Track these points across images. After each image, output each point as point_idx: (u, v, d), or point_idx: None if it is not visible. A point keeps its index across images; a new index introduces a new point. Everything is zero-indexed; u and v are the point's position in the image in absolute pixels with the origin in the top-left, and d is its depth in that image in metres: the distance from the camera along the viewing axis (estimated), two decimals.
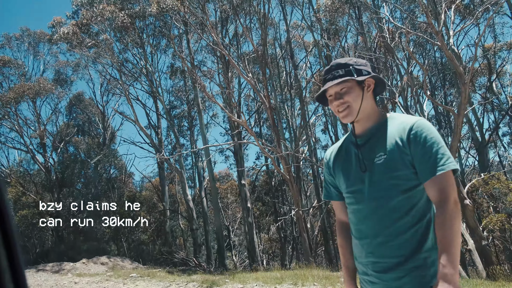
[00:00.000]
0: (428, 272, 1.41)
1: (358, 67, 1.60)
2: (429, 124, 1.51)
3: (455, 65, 9.05)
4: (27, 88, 21.14)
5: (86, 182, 23.80)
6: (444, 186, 1.39)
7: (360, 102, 1.58)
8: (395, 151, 1.48)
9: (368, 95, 1.61)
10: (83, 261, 14.35)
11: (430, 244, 1.43)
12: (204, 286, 8.40)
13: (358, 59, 1.66)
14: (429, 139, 1.44)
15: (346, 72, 1.58)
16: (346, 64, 1.61)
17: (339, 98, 1.59)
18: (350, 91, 1.58)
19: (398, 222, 1.45)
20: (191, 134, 25.33)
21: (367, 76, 1.59)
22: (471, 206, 9.22)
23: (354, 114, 1.59)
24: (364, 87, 1.60)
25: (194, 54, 21.33)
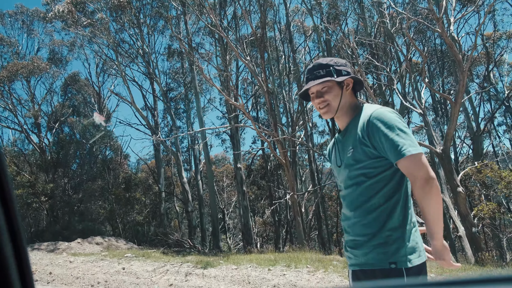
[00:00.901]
0: (390, 248, 1.52)
1: (338, 68, 1.76)
2: (386, 112, 1.61)
3: (454, 53, 9.02)
4: (21, 67, 20.86)
5: (81, 163, 23.75)
6: (410, 170, 1.51)
7: (339, 100, 1.75)
8: (358, 144, 1.63)
9: (347, 93, 1.78)
10: (78, 241, 14.43)
11: (396, 223, 1.55)
12: (199, 267, 8.49)
13: (338, 59, 1.82)
14: (384, 129, 1.55)
15: (326, 73, 1.75)
16: (327, 64, 1.77)
17: (320, 96, 1.77)
18: (330, 90, 1.76)
19: (366, 204, 1.60)
20: (188, 117, 25.26)
21: (346, 76, 1.75)
22: (463, 193, 9.31)
23: (333, 111, 1.76)
24: (343, 86, 1.77)
25: (192, 36, 21.09)
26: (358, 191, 1.63)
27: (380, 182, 1.59)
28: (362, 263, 1.59)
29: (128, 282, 7.94)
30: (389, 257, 1.51)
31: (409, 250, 1.52)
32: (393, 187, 1.58)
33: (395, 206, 1.56)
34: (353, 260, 1.65)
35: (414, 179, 1.51)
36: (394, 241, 1.53)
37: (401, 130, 1.54)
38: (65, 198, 20.21)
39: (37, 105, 23.30)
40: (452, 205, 10.21)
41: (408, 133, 1.57)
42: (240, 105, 12.01)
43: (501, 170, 10.47)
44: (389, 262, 1.51)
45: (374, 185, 1.59)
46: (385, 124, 1.56)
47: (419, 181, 1.49)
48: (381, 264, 1.52)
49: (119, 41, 22.46)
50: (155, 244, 16.94)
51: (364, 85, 1.90)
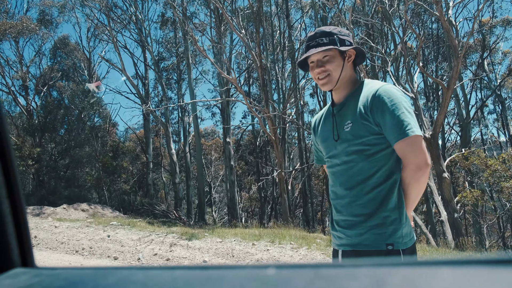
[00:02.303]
0: (387, 230, 1.50)
1: (342, 37, 1.67)
2: (392, 89, 1.55)
3: (450, 38, 8.97)
4: (9, 27, 20.23)
5: (69, 129, 23.46)
6: (405, 153, 1.47)
7: (340, 71, 1.66)
8: (359, 118, 1.56)
9: (348, 65, 1.69)
10: (64, 207, 14.39)
11: (393, 204, 1.52)
12: (184, 238, 8.56)
13: (342, 28, 1.73)
14: (390, 106, 1.49)
15: (330, 41, 1.65)
16: (331, 32, 1.67)
17: (321, 65, 1.66)
18: (332, 60, 1.66)
19: (363, 183, 1.55)
20: (179, 88, 24.95)
21: (350, 47, 1.67)
22: (448, 179, 9.45)
23: (333, 83, 1.67)
24: (346, 57, 1.68)
25: (186, 5, 20.59)
26: (355, 169, 1.58)
27: (379, 160, 1.54)
28: (356, 243, 1.57)
29: (112, 250, 7.98)
30: (386, 238, 1.50)
31: (405, 232, 1.51)
32: (392, 167, 1.54)
33: (393, 186, 1.53)
34: (345, 240, 1.62)
35: (406, 163, 1.49)
36: (391, 222, 1.50)
37: (407, 109, 1.49)
38: (52, 163, 20.03)
39: (25, 67, 22.77)
40: (436, 190, 10.37)
41: (413, 114, 1.52)
42: (233, 78, 11.87)
43: (487, 158, 10.63)
44: (386, 243, 1.50)
45: (373, 163, 1.54)
46: (392, 101, 1.50)
47: (414, 165, 1.47)
48: (377, 246, 1.51)
49: (112, 6, 21.88)
50: (141, 214, 16.99)
51: (365, 59, 1.79)
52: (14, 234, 0.72)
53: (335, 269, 0.46)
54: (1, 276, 0.66)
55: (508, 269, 0.38)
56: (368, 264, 0.43)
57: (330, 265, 0.47)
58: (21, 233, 0.74)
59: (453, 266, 0.39)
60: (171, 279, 0.54)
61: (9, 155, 0.73)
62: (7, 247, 0.71)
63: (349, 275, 0.41)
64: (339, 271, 0.44)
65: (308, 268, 0.46)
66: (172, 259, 7.26)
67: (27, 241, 0.75)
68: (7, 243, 0.70)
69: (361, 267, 0.42)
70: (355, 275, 0.41)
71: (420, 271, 0.41)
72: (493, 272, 0.39)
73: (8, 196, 0.72)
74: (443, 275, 0.39)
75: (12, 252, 0.71)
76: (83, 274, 0.60)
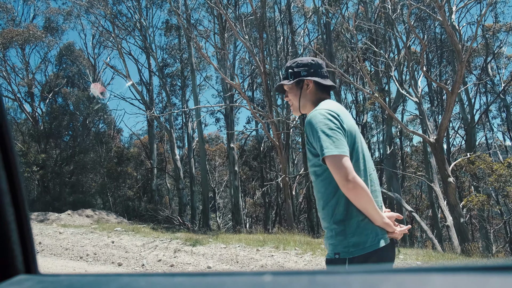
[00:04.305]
0: (335, 241, 1.62)
1: (297, 69, 1.86)
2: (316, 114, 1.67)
3: (454, 42, 8.96)
4: (16, 34, 20.46)
5: (74, 135, 23.58)
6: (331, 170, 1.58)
7: (298, 100, 1.87)
8: (306, 143, 1.73)
9: (308, 92, 1.86)
10: (68, 212, 14.44)
11: (339, 217, 1.63)
12: (188, 244, 8.56)
13: (303, 59, 1.91)
14: (313, 130, 1.64)
15: (286, 75, 1.90)
16: (289, 67, 1.89)
17: (286, 95, 1.93)
18: (290, 91, 1.90)
19: (320, 200, 1.70)
20: (183, 94, 25.03)
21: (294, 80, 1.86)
22: (453, 184, 9.40)
23: (297, 110, 1.90)
24: (303, 86, 1.86)
25: (190, 12, 20.73)
26: (315, 188, 1.73)
27: (326, 179, 1.66)
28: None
29: (117, 256, 7.99)
30: (335, 248, 1.62)
31: (353, 241, 1.59)
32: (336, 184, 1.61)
33: (339, 201, 1.63)
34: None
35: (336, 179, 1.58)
36: (338, 233, 1.61)
37: (324, 131, 1.60)
38: (57, 169, 20.12)
39: (31, 74, 22.94)
40: (441, 195, 10.32)
41: (332, 135, 1.61)
42: (236, 84, 11.91)
43: (493, 163, 10.56)
44: (334, 252, 1.62)
45: (323, 182, 1.67)
46: (313, 125, 1.64)
47: (338, 181, 1.57)
48: (330, 255, 1.64)
49: (117, 13, 22.06)
50: (145, 220, 17.02)
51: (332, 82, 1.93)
52: (18, 241, 0.72)
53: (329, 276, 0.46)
54: (5, 283, 0.67)
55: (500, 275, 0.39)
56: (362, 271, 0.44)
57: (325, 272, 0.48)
58: (25, 240, 0.74)
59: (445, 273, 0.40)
60: (172, 285, 0.55)
61: (14, 163, 0.73)
62: (11, 254, 0.71)
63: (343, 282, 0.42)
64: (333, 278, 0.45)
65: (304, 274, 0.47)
66: (176, 265, 7.26)
67: (30, 248, 0.75)
68: (11, 250, 0.71)
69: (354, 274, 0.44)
70: (348, 282, 0.42)
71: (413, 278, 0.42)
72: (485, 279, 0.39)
73: (13, 203, 0.73)
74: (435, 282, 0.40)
75: (16, 259, 0.71)
76: (86, 281, 0.61)
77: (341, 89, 22.71)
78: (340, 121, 1.65)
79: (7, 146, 0.73)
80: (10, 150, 0.73)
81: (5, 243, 0.71)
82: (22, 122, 23.54)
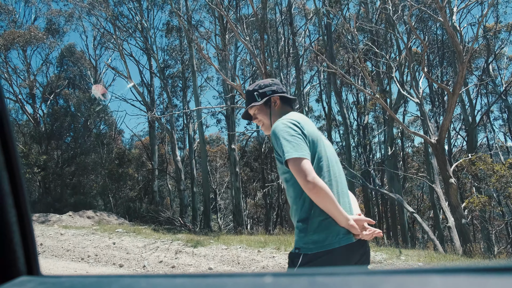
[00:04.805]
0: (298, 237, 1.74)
1: (262, 90, 2.02)
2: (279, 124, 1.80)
3: (455, 43, 8.96)
4: (18, 36, 20.52)
5: (75, 136, 23.61)
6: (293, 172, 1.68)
7: (269, 118, 2.02)
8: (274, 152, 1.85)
9: (276, 108, 2.02)
10: (70, 214, 14.46)
11: (304, 215, 1.73)
12: (189, 245, 8.56)
13: (263, 81, 2.07)
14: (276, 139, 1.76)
15: (250, 99, 2.04)
16: (252, 90, 2.04)
17: (255, 118, 2.06)
18: (259, 112, 2.03)
19: (291, 204, 1.82)
20: (184, 95, 25.04)
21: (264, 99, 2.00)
22: (455, 185, 9.39)
23: (268, 128, 2.03)
24: (271, 104, 2.02)
25: (191, 13, 20.76)
26: (287, 193, 1.86)
27: (294, 183, 1.76)
28: None
29: (118, 257, 7.99)
30: (297, 243, 1.73)
31: (314, 239, 1.69)
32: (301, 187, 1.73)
33: (305, 201, 1.74)
34: None
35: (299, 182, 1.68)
36: (300, 230, 1.73)
37: (285, 138, 1.72)
38: (58, 171, 20.14)
39: (32, 75, 22.99)
40: (443, 196, 10.30)
41: (292, 140, 1.72)
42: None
43: (494, 164, 10.54)
44: (295, 247, 1.73)
45: (291, 187, 1.78)
46: (276, 134, 1.76)
47: (301, 184, 1.66)
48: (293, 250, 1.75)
49: (118, 15, 22.08)
50: (146, 221, 17.02)
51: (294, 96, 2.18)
52: (20, 242, 0.73)
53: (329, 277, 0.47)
54: (7, 284, 0.67)
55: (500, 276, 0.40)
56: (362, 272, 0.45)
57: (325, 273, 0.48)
58: (27, 242, 0.74)
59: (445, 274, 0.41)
60: (173, 286, 0.55)
61: (16, 164, 0.74)
62: (13, 256, 0.71)
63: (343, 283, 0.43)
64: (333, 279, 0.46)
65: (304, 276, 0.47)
66: (177, 266, 7.26)
67: (32, 250, 0.75)
68: (13, 251, 0.71)
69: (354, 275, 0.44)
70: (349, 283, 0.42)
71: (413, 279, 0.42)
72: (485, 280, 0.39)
73: (15, 204, 0.73)
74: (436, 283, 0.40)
75: (18, 261, 0.72)
76: (87, 282, 0.62)
77: (342, 90, 22.69)
78: (301, 128, 1.77)
79: (9, 148, 0.73)
80: (13, 151, 0.73)
81: (7, 245, 0.71)
82: (23, 123, 23.57)
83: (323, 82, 23.07)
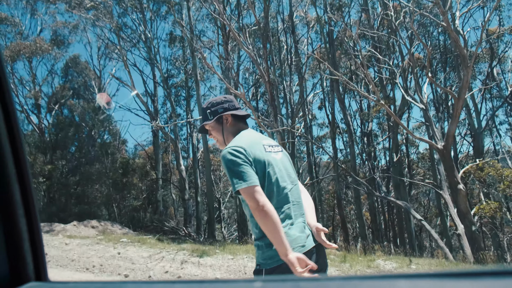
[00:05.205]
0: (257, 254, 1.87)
1: (214, 109, 2.08)
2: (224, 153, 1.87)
3: (459, 47, 8.91)
4: (23, 47, 20.69)
5: (80, 146, 23.65)
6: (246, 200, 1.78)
7: (221, 134, 2.10)
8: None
9: (228, 126, 2.09)
10: (74, 223, 14.40)
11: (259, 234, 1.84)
12: (195, 255, 8.47)
13: (216, 99, 2.13)
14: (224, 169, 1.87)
15: (204, 117, 2.12)
16: (205, 109, 2.12)
17: (210, 134, 2.16)
18: (213, 129, 2.12)
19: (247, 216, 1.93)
20: (188, 104, 25.09)
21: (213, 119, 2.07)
22: (463, 191, 9.27)
23: (222, 144, 2.11)
24: (223, 122, 2.09)
25: (194, 23, 20.87)
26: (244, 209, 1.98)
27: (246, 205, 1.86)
28: None
29: (123, 267, 7.91)
30: (257, 260, 1.86)
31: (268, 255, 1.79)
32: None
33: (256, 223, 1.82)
34: None
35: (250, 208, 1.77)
36: (258, 248, 1.86)
37: (232, 169, 1.80)
38: (63, 180, 20.14)
39: (38, 86, 23.14)
40: (451, 203, 10.17)
41: (239, 170, 1.80)
42: (241, 94, 11.89)
43: (503, 169, 10.40)
44: (256, 263, 1.85)
45: (247, 206, 1.87)
46: (224, 165, 1.85)
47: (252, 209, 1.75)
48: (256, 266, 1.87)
49: (122, 25, 22.26)
50: (150, 231, 16.93)
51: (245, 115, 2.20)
52: (29, 250, 0.77)
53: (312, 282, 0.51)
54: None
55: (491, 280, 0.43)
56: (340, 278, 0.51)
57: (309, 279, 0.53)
58: (36, 249, 0.78)
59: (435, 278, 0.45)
60: None
61: (27, 176, 0.78)
62: (23, 262, 0.75)
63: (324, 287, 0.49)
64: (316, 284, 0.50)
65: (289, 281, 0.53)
66: (183, 276, 7.17)
67: (41, 257, 0.80)
68: (23, 258, 0.75)
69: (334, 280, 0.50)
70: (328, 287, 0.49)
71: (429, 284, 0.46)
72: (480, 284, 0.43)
73: (25, 214, 0.77)
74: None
75: (28, 267, 0.76)
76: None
77: (345, 98, 22.64)
78: (246, 155, 1.83)
79: (21, 161, 0.77)
80: (24, 164, 0.77)
81: (18, 252, 0.75)
82: (28, 133, 23.66)
83: (326, 89, 23.04)
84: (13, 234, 0.74)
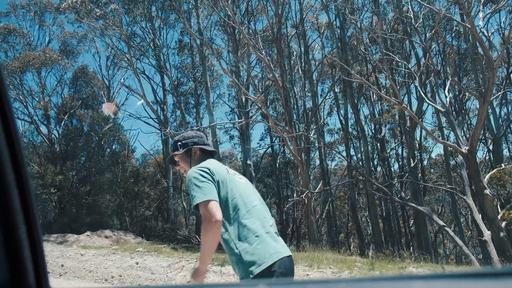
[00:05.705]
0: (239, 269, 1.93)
1: (185, 141, 2.29)
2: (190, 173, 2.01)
3: (484, 49, 8.69)
4: (32, 58, 20.70)
5: (90, 156, 23.54)
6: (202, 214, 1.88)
7: (189, 165, 2.26)
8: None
9: (195, 158, 2.25)
10: (87, 234, 14.21)
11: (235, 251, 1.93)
12: (215, 264, 8.23)
13: (188, 133, 2.34)
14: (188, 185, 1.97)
15: (175, 148, 2.31)
16: (178, 140, 2.30)
17: (178, 164, 2.34)
18: (181, 160, 2.30)
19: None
20: (197, 112, 24.95)
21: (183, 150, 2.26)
22: (490, 196, 8.98)
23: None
24: (192, 154, 2.27)
25: (203, 31, 20.80)
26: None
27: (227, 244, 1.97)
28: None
29: (143, 277, 7.68)
30: (240, 275, 1.92)
31: (248, 266, 1.86)
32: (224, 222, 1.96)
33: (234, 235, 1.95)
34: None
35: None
36: (237, 263, 1.93)
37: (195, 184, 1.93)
38: (73, 191, 20.00)
39: (47, 96, 23.15)
40: (475, 208, 9.87)
41: (200, 185, 1.92)
42: (258, 98, 11.70)
43: None
44: (240, 278, 1.94)
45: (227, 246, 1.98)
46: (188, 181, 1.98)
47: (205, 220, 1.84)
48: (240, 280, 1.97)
49: (131, 34, 22.24)
50: (163, 239, 16.71)
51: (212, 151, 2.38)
52: (30, 257, 0.76)
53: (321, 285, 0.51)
54: None
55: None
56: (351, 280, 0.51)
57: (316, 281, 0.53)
58: (37, 257, 0.77)
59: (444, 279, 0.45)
60: None
61: (27, 182, 0.77)
62: (23, 270, 0.75)
63: None
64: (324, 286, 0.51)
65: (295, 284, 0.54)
66: None
67: (42, 264, 0.78)
68: (23, 266, 0.75)
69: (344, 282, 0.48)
70: None
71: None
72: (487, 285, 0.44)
73: (25, 221, 0.76)
74: None
75: (28, 275, 0.75)
76: None
77: (359, 103, 22.39)
78: (211, 174, 1.98)
79: (20, 166, 0.76)
80: (23, 170, 0.77)
81: (18, 259, 0.74)
82: (38, 144, 23.61)
83: (338, 95, 22.83)
84: (13, 241, 0.74)
